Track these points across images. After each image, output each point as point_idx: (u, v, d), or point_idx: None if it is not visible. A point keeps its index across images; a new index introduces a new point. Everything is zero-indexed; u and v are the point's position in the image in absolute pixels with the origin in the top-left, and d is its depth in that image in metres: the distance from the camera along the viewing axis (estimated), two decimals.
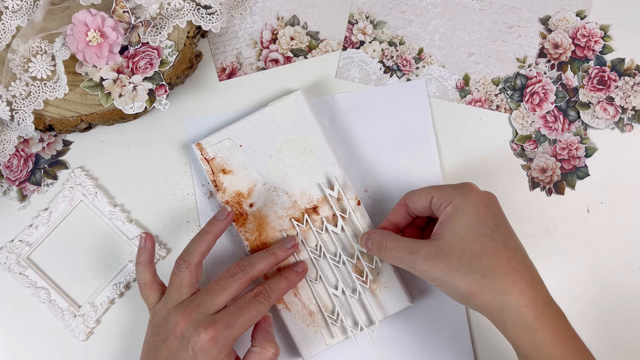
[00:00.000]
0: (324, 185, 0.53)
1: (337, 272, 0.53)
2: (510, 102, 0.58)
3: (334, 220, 0.53)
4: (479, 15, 0.59)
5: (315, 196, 0.54)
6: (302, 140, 0.54)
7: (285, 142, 0.54)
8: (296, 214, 0.54)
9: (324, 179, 0.53)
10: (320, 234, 0.53)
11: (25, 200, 0.57)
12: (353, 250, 0.53)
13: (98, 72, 0.53)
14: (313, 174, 0.54)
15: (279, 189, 0.54)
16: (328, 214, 0.54)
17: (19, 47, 0.53)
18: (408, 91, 0.58)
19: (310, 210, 0.54)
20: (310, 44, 0.59)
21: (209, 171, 0.54)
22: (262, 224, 0.54)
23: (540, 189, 0.57)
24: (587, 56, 0.58)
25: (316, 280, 0.53)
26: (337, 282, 0.53)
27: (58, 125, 0.55)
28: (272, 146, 0.54)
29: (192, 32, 0.55)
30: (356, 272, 0.53)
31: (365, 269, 0.53)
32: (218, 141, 0.54)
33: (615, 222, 0.57)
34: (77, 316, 0.55)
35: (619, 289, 0.56)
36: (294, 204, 0.54)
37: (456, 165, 0.57)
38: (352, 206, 0.53)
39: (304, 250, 0.53)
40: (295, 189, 0.54)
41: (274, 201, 0.54)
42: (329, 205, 0.53)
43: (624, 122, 0.57)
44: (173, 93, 0.58)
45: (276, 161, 0.54)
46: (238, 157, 0.54)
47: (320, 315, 0.53)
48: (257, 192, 0.54)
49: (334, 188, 0.53)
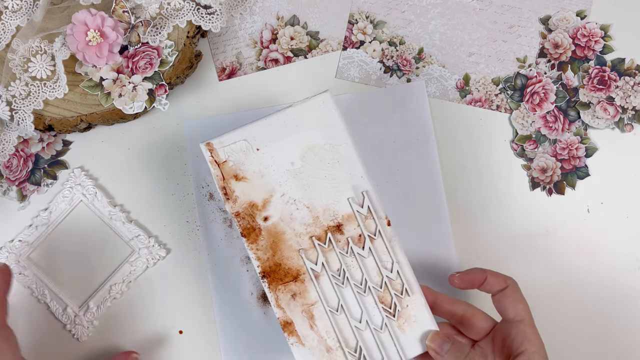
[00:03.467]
0: (352, 201, 0.46)
1: (362, 302, 0.46)
2: (511, 102, 0.58)
3: (361, 241, 0.46)
4: (479, 15, 0.59)
5: (341, 212, 0.46)
6: (328, 147, 0.47)
7: (310, 148, 0.47)
8: (317, 232, 0.46)
9: (352, 193, 0.47)
10: (344, 256, 0.46)
11: (25, 200, 0.57)
12: (380, 276, 0.46)
13: (98, 72, 0.53)
14: (339, 187, 0.47)
15: (299, 202, 0.46)
16: (354, 233, 0.46)
17: (18, 47, 0.53)
18: (408, 91, 0.58)
19: (333, 228, 0.46)
20: (310, 44, 0.59)
21: (219, 176, 0.47)
22: (277, 242, 0.46)
23: (540, 189, 0.57)
24: (587, 56, 0.58)
25: (337, 311, 0.45)
26: (362, 314, 0.46)
27: (58, 125, 0.55)
28: (295, 152, 0.47)
29: (192, 32, 0.55)
30: (382, 303, 0.46)
31: (393, 300, 0.46)
32: (232, 142, 0.47)
33: (616, 222, 0.57)
34: (77, 316, 0.55)
35: (619, 289, 0.56)
36: (315, 220, 0.46)
37: (456, 165, 0.57)
38: (381, 226, 0.46)
39: (324, 275, 0.46)
40: (318, 202, 0.46)
41: (293, 215, 0.46)
42: (356, 223, 0.46)
43: (624, 122, 0.57)
44: (173, 93, 0.58)
45: (298, 169, 0.47)
46: (254, 162, 0.47)
47: (340, 352, 0.46)
48: (273, 203, 0.46)
49: (362, 204, 0.46)
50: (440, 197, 0.56)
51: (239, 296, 0.56)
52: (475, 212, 0.57)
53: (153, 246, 0.56)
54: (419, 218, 0.56)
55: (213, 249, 0.56)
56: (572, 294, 0.56)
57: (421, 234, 0.56)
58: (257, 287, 0.56)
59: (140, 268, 0.56)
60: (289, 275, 0.46)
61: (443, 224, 0.56)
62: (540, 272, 0.56)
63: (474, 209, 0.57)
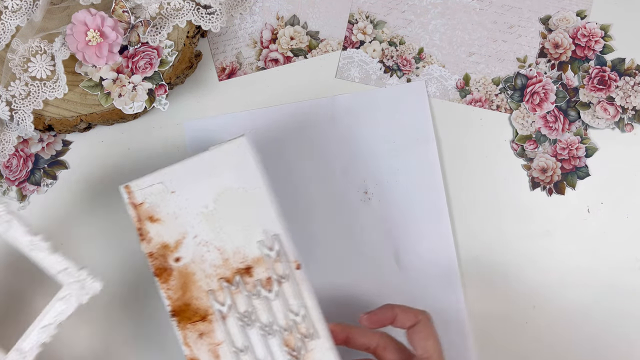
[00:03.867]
0: (262, 244, 0.47)
1: (267, 344, 0.47)
2: (511, 102, 0.58)
3: (269, 284, 0.47)
4: (479, 15, 0.59)
5: (251, 255, 0.47)
6: (242, 191, 0.48)
7: (224, 191, 0.48)
8: (227, 274, 0.47)
9: (263, 236, 0.47)
10: (252, 298, 0.47)
11: (25, 200, 0.57)
12: (287, 319, 0.47)
13: (98, 72, 0.53)
14: (250, 230, 0.48)
15: (211, 244, 0.47)
16: (262, 276, 0.47)
17: (18, 47, 0.53)
18: (408, 92, 0.58)
19: (243, 271, 0.47)
20: (310, 44, 0.59)
21: (135, 217, 0.47)
22: (187, 282, 0.47)
23: (540, 189, 0.57)
24: (587, 56, 0.58)
25: (242, 352, 0.46)
26: (266, 356, 0.46)
27: (57, 125, 0.54)
28: (208, 195, 0.48)
29: (192, 31, 0.55)
30: (288, 346, 0.47)
31: (298, 343, 0.47)
32: (148, 185, 0.48)
33: (616, 222, 0.57)
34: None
35: (619, 289, 0.56)
36: (225, 262, 0.47)
37: (456, 165, 0.57)
38: (290, 270, 0.47)
39: (231, 316, 0.47)
40: (229, 245, 0.47)
41: (204, 257, 0.47)
42: (265, 266, 0.47)
43: (625, 122, 0.57)
44: (173, 93, 0.58)
45: (211, 212, 0.48)
46: (169, 204, 0.48)
47: None
48: (185, 245, 0.47)
49: (272, 248, 0.47)
50: (440, 197, 0.56)
51: None
52: (476, 212, 0.57)
53: (85, 280, 0.49)
54: (419, 218, 0.56)
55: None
56: (572, 294, 0.56)
57: (421, 234, 0.56)
58: None
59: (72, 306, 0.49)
60: (197, 315, 0.47)
61: (443, 224, 0.56)
62: (540, 272, 0.56)
63: (474, 209, 0.57)
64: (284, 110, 0.58)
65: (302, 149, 0.57)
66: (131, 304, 0.57)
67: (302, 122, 0.58)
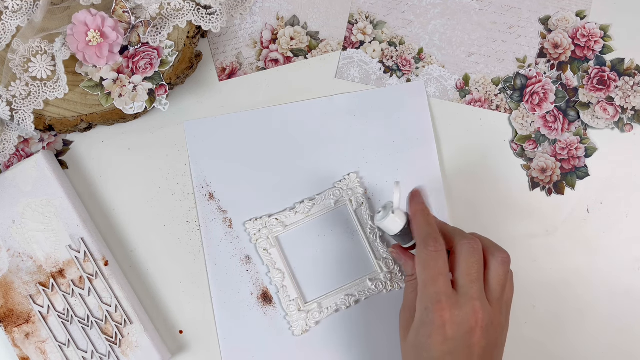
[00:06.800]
0: (70, 248, 0.53)
1: (87, 335, 0.53)
2: (510, 102, 0.58)
3: (82, 282, 0.54)
4: (479, 15, 0.59)
5: (61, 259, 0.54)
6: (45, 203, 0.54)
7: (28, 205, 0.54)
8: (42, 279, 0.54)
9: (70, 241, 0.54)
10: (68, 297, 0.53)
11: None
12: (102, 311, 0.53)
13: (98, 72, 0.53)
14: (58, 237, 0.54)
15: (24, 254, 0.54)
16: (75, 276, 0.54)
17: (19, 47, 0.53)
18: (408, 92, 0.58)
19: (56, 274, 0.54)
20: (310, 44, 0.59)
21: None
22: (8, 291, 0.54)
23: (540, 189, 0.57)
24: (587, 56, 0.58)
25: (66, 345, 0.53)
26: (87, 345, 0.53)
27: (58, 125, 0.55)
28: (15, 211, 0.54)
29: (192, 32, 0.55)
30: (106, 334, 0.53)
31: (114, 330, 0.53)
32: None
33: (615, 222, 0.57)
34: (301, 310, 0.55)
35: (619, 289, 0.56)
36: (39, 269, 0.54)
37: (456, 165, 0.57)
38: (99, 267, 0.54)
39: (52, 315, 0.53)
40: (40, 253, 0.54)
41: (19, 267, 0.54)
42: (76, 267, 0.54)
43: (624, 122, 0.57)
44: (173, 93, 0.58)
45: (19, 226, 0.54)
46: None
47: None
48: (1, 259, 0.54)
49: (80, 250, 0.53)
50: (440, 197, 0.56)
51: (239, 296, 0.56)
52: (475, 212, 0.57)
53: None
54: None
55: (213, 249, 0.56)
56: (572, 294, 0.56)
57: None
58: (257, 287, 0.56)
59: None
60: (21, 319, 0.54)
61: None
62: (540, 272, 0.56)
63: (474, 208, 0.57)
64: (284, 110, 0.58)
65: (302, 148, 0.57)
66: None
67: (301, 122, 0.58)
